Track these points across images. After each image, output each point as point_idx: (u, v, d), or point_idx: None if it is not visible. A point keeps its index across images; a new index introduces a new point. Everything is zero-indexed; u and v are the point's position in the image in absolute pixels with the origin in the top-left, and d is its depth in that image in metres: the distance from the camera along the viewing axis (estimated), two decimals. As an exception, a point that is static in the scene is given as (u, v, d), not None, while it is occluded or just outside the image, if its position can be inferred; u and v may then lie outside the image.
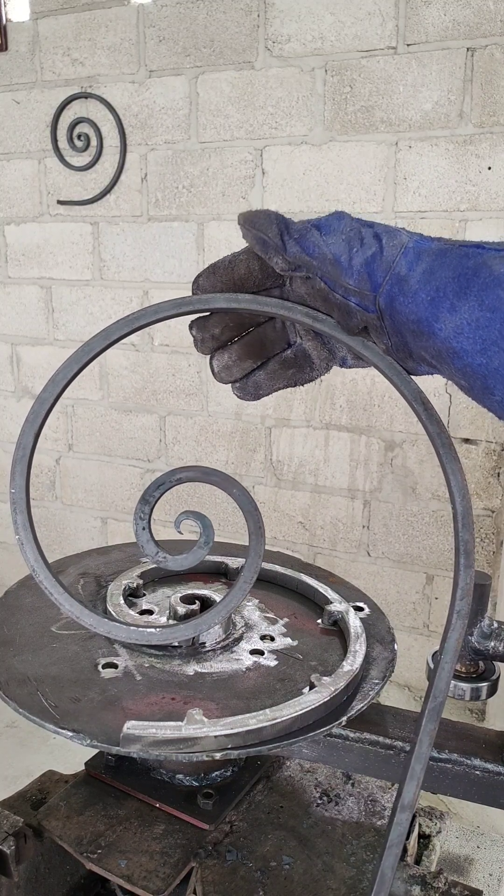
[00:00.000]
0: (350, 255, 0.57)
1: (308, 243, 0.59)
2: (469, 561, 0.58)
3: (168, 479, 0.76)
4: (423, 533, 2.64)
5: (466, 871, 2.04)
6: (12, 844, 0.89)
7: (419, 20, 2.30)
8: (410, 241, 0.58)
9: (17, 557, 2.55)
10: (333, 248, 0.58)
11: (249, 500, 0.76)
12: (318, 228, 0.59)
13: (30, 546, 0.69)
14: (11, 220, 3.15)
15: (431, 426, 0.60)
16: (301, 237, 0.59)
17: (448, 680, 0.59)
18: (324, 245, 0.58)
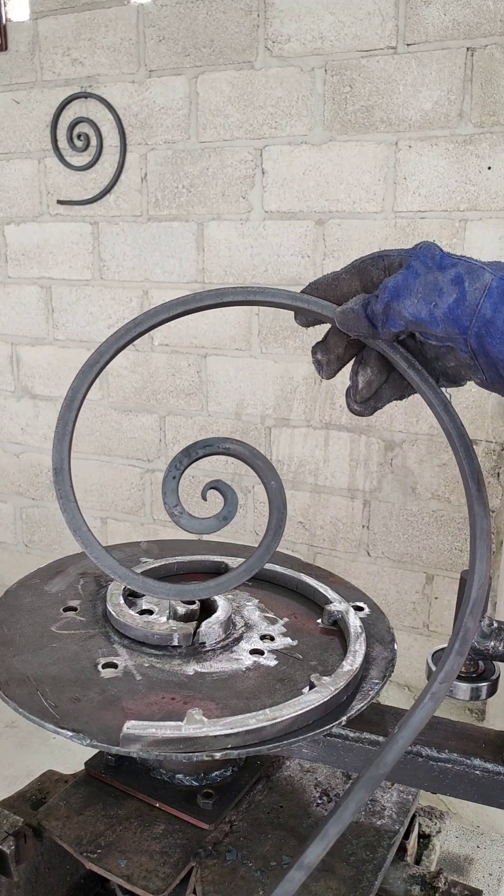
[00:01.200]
0: (430, 311, 0.60)
1: (394, 320, 0.62)
2: (463, 649, 0.58)
3: (217, 444, 0.76)
4: (423, 533, 2.64)
5: (466, 870, 2.04)
6: (12, 844, 0.89)
7: (419, 20, 2.30)
8: (494, 281, 0.59)
9: (17, 557, 2.59)
10: (412, 311, 0.60)
11: (282, 496, 0.76)
12: (398, 296, 0.61)
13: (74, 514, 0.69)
14: (11, 219, 3.15)
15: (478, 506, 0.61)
16: (387, 318, 0.62)
17: (398, 754, 0.57)
18: (405, 311, 0.61)
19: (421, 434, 2.57)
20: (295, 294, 0.69)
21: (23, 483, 3.41)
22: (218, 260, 2.75)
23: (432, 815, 1.16)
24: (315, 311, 0.68)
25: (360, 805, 0.55)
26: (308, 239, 2.59)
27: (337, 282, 0.69)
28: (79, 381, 0.68)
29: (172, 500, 0.74)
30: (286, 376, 2.72)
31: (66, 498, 0.69)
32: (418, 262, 0.63)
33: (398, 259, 0.66)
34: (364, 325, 0.64)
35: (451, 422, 0.64)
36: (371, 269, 0.67)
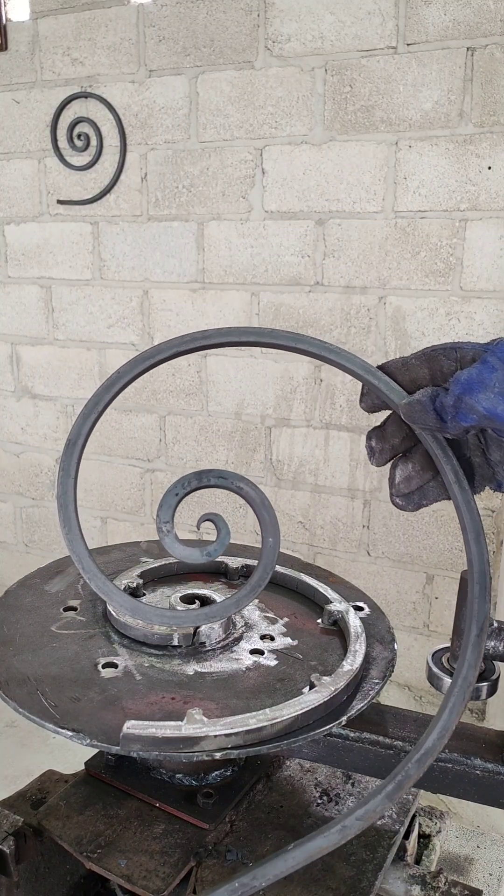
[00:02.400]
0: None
1: (465, 414, 0.60)
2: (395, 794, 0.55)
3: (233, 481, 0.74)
4: (423, 533, 2.64)
5: (466, 870, 2.04)
6: (12, 844, 0.89)
7: (419, 20, 2.30)
8: None
9: (17, 557, 2.58)
10: (487, 405, 0.59)
11: (274, 556, 0.75)
12: (471, 389, 0.59)
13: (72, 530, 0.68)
14: (11, 219, 3.15)
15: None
16: (457, 411, 0.60)
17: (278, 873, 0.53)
18: (479, 405, 0.59)
19: (421, 434, 2.57)
20: (370, 367, 0.67)
21: (23, 483, 3.41)
22: (218, 260, 2.75)
23: (432, 815, 1.16)
24: (384, 390, 0.66)
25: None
26: (308, 239, 2.59)
27: (406, 367, 0.67)
28: (128, 367, 0.66)
29: (165, 516, 0.73)
30: (286, 376, 2.72)
31: (67, 473, 0.68)
32: (495, 358, 0.61)
33: (472, 353, 0.64)
34: (432, 418, 0.62)
35: (479, 555, 0.61)
36: (442, 359, 0.65)
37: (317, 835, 0.53)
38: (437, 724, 0.55)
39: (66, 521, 0.67)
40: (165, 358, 0.67)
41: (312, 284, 2.62)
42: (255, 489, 0.74)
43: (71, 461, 0.68)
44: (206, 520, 0.78)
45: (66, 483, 0.67)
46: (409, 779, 0.55)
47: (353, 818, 0.54)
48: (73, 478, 0.68)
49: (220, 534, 0.76)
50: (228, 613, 0.72)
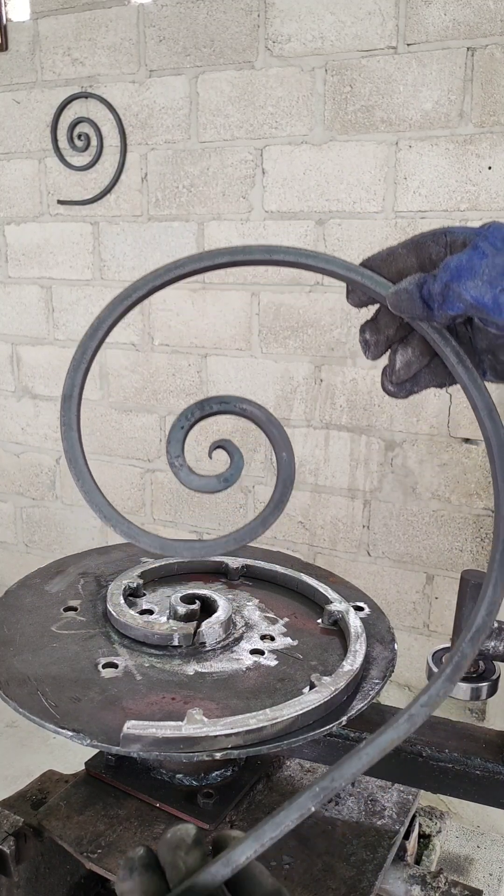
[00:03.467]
0: (495, 296, 0.56)
1: (452, 302, 0.57)
2: (454, 676, 0.55)
3: (234, 403, 0.72)
4: (424, 533, 2.64)
5: (466, 870, 2.03)
6: (12, 844, 0.89)
7: (419, 20, 2.30)
8: None
9: (17, 557, 2.60)
10: (475, 293, 0.56)
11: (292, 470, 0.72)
12: (459, 276, 0.57)
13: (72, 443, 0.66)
14: (11, 219, 3.15)
15: None
16: (444, 300, 0.58)
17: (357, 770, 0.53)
18: (466, 293, 0.56)
19: (421, 434, 2.57)
20: (350, 265, 0.64)
21: (23, 483, 3.41)
22: (218, 260, 2.75)
23: (433, 815, 1.16)
24: (368, 285, 0.63)
25: (303, 814, 0.52)
26: (308, 239, 2.59)
27: (392, 257, 0.63)
28: (107, 312, 0.65)
29: (176, 451, 0.71)
30: (286, 376, 2.73)
31: (70, 427, 0.67)
32: (486, 243, 0.58)
33: (462, 237, 0.61)
34: (418, 307, 0.59)
35: (494, 430, 0.59)
36: (431, 245, 0.62)
37: (386, 728, 0.54)
38: (483, 600, 0.55)
39: (79, 475, 0.67)
40: (143, 296, 0.65)
41: (313, 284, 2.62)
42: (260, 408, 0.73)
43: (71, 415, 0.67)
44: (217, 447, 0.77)
45: (70, 437, 0.67)
46: (465, 658, 0.55)
47: (419, 705, 0.55)
48: (77, 431, 0.67)
49: (234, 458, 0.75)
50: (256, 535, 0.71)
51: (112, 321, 0.66)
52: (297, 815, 0.52)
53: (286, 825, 0.52)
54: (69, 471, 0.67)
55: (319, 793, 0.52)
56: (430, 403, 2.53)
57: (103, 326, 0.66)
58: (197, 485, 0.72)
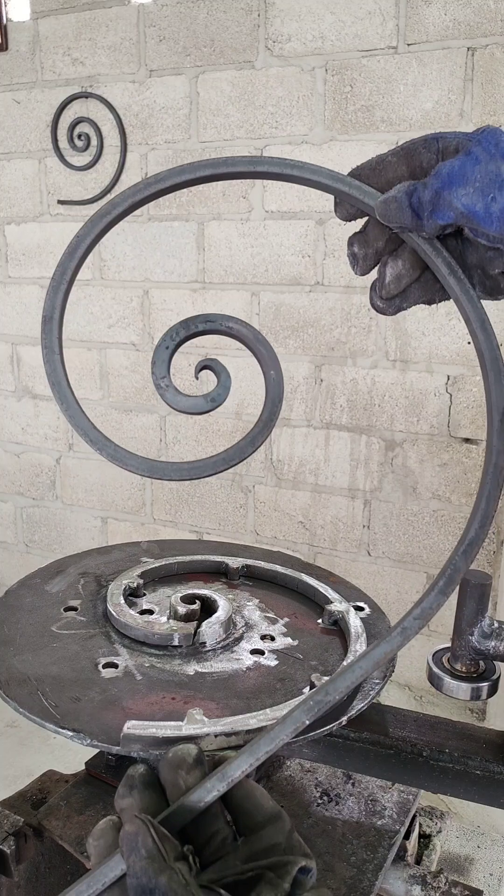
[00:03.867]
0: (487, 205, 0.53)
1: (442, 211, 0.55)
2: (447, 588, 0.54)
3: (220, 322, 0.70)
4: (424, 532, 2.64)
5: (467, 870, 2.03)
6: (12, 844, 0.89)
7: (419, 19, 2.30)
8: None
9: (18, 557, 2.58)
10: (466, 202, 0.53)
11: (280, 389, 0.70)
12: (451, 183, 0.54)
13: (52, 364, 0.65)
14: (12, 219, 3.15)
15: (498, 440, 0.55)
16: (434, 208, 0.55)
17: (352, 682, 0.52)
18: (456, 201, 0.54)
19: (421, 434, 2.57)
20: (337, 175, 0.62)
21: (23, 483, 3.41)
22: (218, 259, 2.75)
23: (433, 815, 1.16)
24: (356, 196, 0.60)
25: (297, 728, 0.52)
26: (308, 238, 2.59)
27: (382, 166, 0.60)
28: (86, 229, 0.62)
29: (161, 371, 0.68)
30: (286, 376, 2.71)
31: (51, 349, 0.65)
32: (480, 149, 0.54)
33: (455, 142, 0.57)
34: (407, 216, 0.56)
35: (487, 342, 0.57)
36: (422, 151, 0.59)
37: (380, 642, 0.54)
38: (476, 513, 0.54)
39: (63, 399, 0.64)
40: (123, 212, 0.63)
41: (313, 284, 2.62)
42: (247, 325, 0.71)
43: (52, 337, 0.65)
44: (203, 367, 0.75)
45: (52, 360, 0.65)
46: (458, 572, 0.54)
47: (412, 618, 0.54)
48: (59, 354, 0.65)
49: (221, 377, 0.73)
50: (245, 455, 0.69)
51: (91, 239, 0.63)
52: (291, 728, 0.52)
53: (281, 739, 0.51)
54: (52, 394, 0.65)
55: (314, 706, 0.52)
56: (430, 403, 2.53)
57: (82, 245, 0.64)
58: (184, 405, 0.70)
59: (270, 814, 0.51)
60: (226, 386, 0.70)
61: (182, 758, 0.52)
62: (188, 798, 0.49)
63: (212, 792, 0.50)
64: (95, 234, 0.63)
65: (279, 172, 0.63)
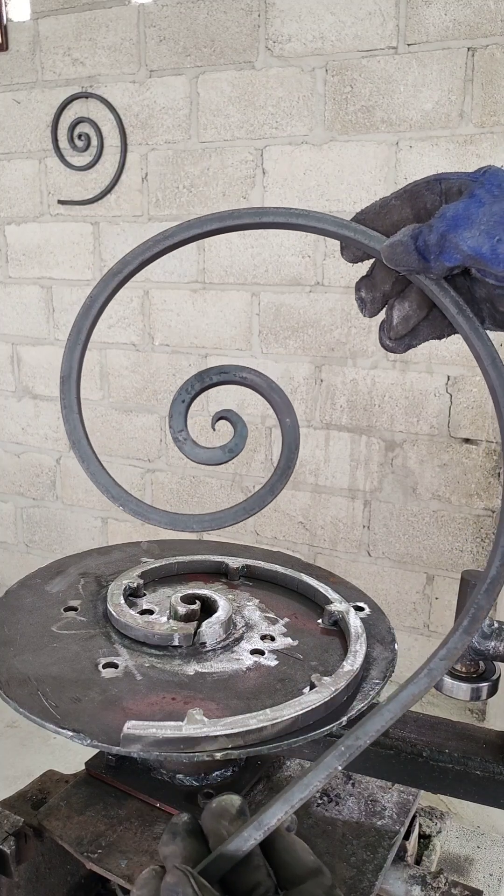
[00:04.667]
0: (493, 246, 0.53)
1: (449, 253, 0.55)
2: (471, 628, 0.54)
3: (234, 372, 0.71)
4: (424, 533, 2.64)
5: (466, 871, 2.03)
6: (13, 844, 0.89)
7: (420, 20, 2.30)
8: None
9: (18, 557, 2.58)
10: (472, 244, 0.54)
11: (296, 435, 0.71)
12: (456, 226, 0.54)
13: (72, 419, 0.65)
14: (12, 219, 3.15)
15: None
16: (441, 251, 0.55)
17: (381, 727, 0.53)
18: (463, 243, 0.54)
19: (422, 434, 2.57)
20: (341, 221, 0.62)
21: (23, 483, 3.41)
22: (219, 260, 2.75)
23: (433, 816, 1.16)
24: (361, 241, 0.61)
25: (330, 775, 0.53)
26: (309, 239, 2.59)
27: (386, 209, 0.61)
28: (99, 289, 0.63)
29: (178, 425, 0.70)
30: (287, 376, 2.72)
31: (70, 409, 0.66)
32: (483, 190, 0.55)
33: (458, 184, 0.58)
34: (414, 259, 0.57)
35: (499, 378, 0.57)
36: (426, 194, 0.59)
37: (407, 684, 0.54)
38: (496, 550, 0.55)
39: (84, 457, 0.65)
40: (134, 269, 0.64)
41: (313, 285, 2.62)
42: (260, 375, 0.72)
43: (71, 396, 0.65)
44: (220, 418, 0.76)
45: (72, 419, 0.65)
46: (481, 610, 0.54)
47: (437, 659, 0.54)
48: (78, 412, 0.66)
49: (237, 428, 0.74)
50: (265, 503, 0.70)
51: (105, 297, 0.64)
52: (324, 774, 0.53)
53: (314, 786, 0.52)
54: (74, 454, 0.66)
55: (345, 752, 0.53)
56: (430, 404, 2.53)
57: (96, 304, 0.64)
58: (203, 457, 0.71)
59: (311, 868, 0.52)
60: (242, 435, 0.72)
61: (225, 808, 0.53)
62: (227, 847, 0.51)
63: (249, 840, 0.51)
64: (108, 293, 0.64)
65: (284, 222, 0.63)
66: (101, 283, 0.65)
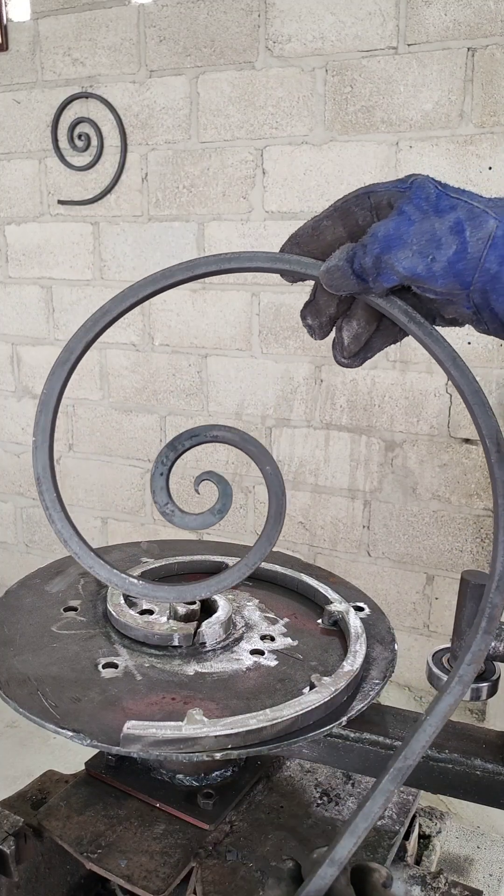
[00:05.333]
0: (428, 265, 0.53)
1: (386, 275, 0.55)
2: (490, 627, 0.55)
3: (204, 433, 0.72)
4: (424, 533, 2.64)
5: (466, 871, 2.03)
6: (12, 844, 0.89)
7: (420, 20, 2.30)
8: (499, 229, 0.53)
9: (18, 557, 2.58)
10: (407, 265, 0.54)
11: (280, 482, 0.73)
12: (389, 247, 0.54)
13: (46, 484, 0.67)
14: (12, 219, 3.15)
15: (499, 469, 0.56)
16: (378, 272, 0.55)
17: (426, 742, 0.54)
18: (398, 265, 0.54)
19: (421, 434, 2.57)
20: (274, 255, 0.63)
21: (23, 483, 3.41)
22: (218, 260, 2.75)
23: (433, 816, 1.16)
24: (298, 270, 0.61)
25: (388, 798, 0.55)
26: (309, 239, 2.59)
27: (319, 230, 0.60)
28: (51, 384, 0.65)
29: (163, 499, 0.71)
30: (287, 376, 2.73)
31: (54, 508, 0.67)
32: (411, 207, 0.55)
33: (387, 196, 0.57)
34: (352, 282, 0.57)
35: (462, 377, 0.57)
36: (356, 210, 0.59)
37: (440, 696, 0.55)
38: (497, 546, 0.55)
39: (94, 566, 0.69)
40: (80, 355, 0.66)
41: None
42: (231, 430, 0.73)
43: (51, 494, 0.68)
44: (202, 480, 0.77)
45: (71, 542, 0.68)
46: (497, 608, 0.55)
47: (465, 665, 0.56)
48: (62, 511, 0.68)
49: (221, 488, 0.75)
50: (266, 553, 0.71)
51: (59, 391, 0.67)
52: (382, 800, 0.55)
53: (376, 813, 0.54)
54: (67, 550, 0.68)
55: (397, 774, 0.55)
56: (430, 404, 2.53)
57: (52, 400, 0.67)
58: (195, 524, 0.74)
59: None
60: (227, 494, 0.74)
61: (323, 854, 0.56)
62: (308, 888, 0.54)
63: (326, 878, 0.54)
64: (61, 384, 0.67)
65: (217, 269, 0.63)
66: (52, 376, 0.66)
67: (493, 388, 2.41)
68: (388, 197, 0.57)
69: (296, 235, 0.62)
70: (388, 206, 0.58)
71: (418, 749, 0.54)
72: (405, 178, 0.58)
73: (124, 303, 0.63)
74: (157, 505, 0.72)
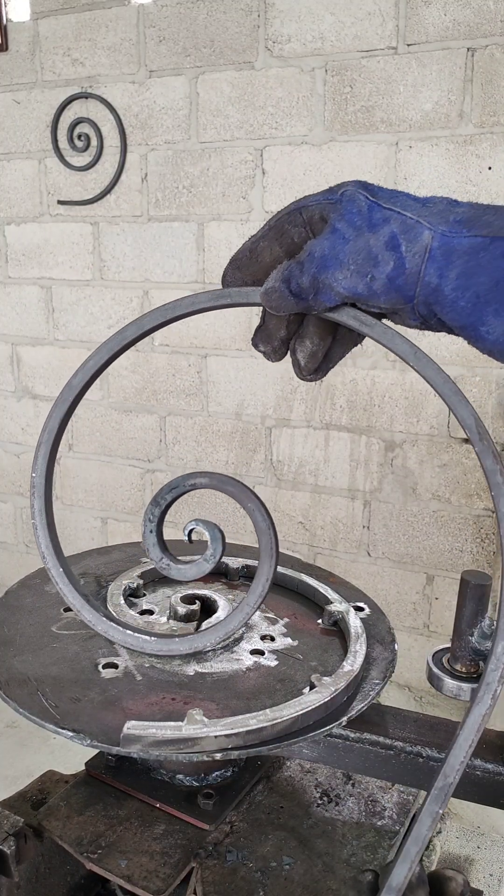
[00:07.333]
0: (367, 284, 0.53)
1: (326, 295, 0.55)
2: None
3: (181, 484, 0.74)
4: (424, 533, 2.64)
5: (467, 871, 2.03)
6: (12, 844, 0.89)
7: (419, 20, 2.30)
8: (434, 240, 0.52)
9: (17, 557, 2.59)
10: (346, 285, 0.53)
11: (265, 517, 0.73)
12: (325, 267, 0.54)
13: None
14: (12, 220, 3.15)
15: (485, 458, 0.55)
16: (317, 292, 0.55)
17: (463, 756, 0.54)
18: (337, 285, 0.53)
19: (421, 434, 2.57)
20: (215, 293, 0.63)
21: (23, 483, 3.41)
22: (218, 260, 2.75)
23: (433, 816, 1.16)
24: (241, 301, 0.62)
25: (435, 820, 0.55)
26: (308, 239, 2.59)
27: (257, 252, 0.60)
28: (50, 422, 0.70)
29: (157, 555, 0.74)
30: (286, 376, 2.72)
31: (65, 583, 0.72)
32: (344, 224, 0.54)
33: (318, 210, 0.57)
34: (291, 303, 0.56)
35: (427, 370, 0.57)
36: (289, 228, 0.58)
37: (471, 707, 0.56)
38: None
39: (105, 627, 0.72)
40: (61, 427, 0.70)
41: (313, 285, 2.62)
42: (208, 475, 0.74)
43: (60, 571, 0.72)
44: (192, 528, 0.79)
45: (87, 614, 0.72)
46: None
47: (490, 670, 0.56)
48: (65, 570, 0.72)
49: (211, 532, 0.77)
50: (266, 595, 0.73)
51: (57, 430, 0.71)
52: (429, 822, 0.55)
53: (425, 836, 0.55)
54: None
55: (440, 794, 0.55)
56: (429, 404, 2.53)
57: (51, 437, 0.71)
58: (191, 574, 0.76)
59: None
60: (217, 538, 0.76)
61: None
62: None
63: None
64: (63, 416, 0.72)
65: (164, 321, 0.67)
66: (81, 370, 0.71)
67: (493, 388, 2.41)
68: (320, 211, 0.57)
69: (235, 259, 0.62)
70: (322, 219, 0.57)
71: (456, 765, 0.55)
72: (335, 189, 0.57)
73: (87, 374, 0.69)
74: (152, 561, 0.74)
